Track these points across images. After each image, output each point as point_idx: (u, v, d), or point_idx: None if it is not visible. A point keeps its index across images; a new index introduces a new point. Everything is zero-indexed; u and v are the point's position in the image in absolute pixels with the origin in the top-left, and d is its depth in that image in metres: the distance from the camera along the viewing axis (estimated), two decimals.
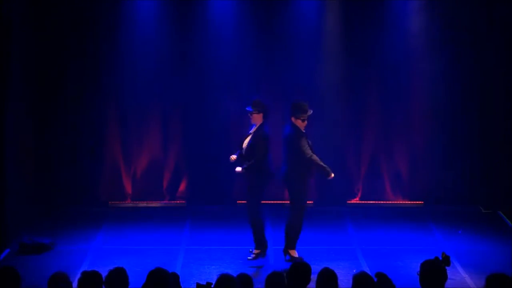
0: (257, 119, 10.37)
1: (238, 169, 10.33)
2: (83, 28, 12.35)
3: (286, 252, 10.50)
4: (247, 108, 10.39)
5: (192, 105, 12.72)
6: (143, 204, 12.92)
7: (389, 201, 12.94)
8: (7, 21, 10.74)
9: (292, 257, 10.38)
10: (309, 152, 10.20)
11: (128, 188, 12.87)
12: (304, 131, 10.29)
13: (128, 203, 12.91)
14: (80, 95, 12.51)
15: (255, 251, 10.50)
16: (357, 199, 12.98)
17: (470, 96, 12.64)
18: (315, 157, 10.23)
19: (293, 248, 10.46)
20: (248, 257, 10.48)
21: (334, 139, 12.65)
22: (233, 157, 10.47)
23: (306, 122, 10.29)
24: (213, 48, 12.61)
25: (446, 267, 6.35)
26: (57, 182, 12.54)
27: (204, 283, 6.57)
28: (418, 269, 6.28)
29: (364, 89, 12.77)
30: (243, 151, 10.38)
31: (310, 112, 10.32)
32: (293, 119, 10.28)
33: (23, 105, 11.84)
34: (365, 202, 12.96)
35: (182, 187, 12.91)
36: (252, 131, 10.42)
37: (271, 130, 10.59)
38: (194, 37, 12.58)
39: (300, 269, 6.67)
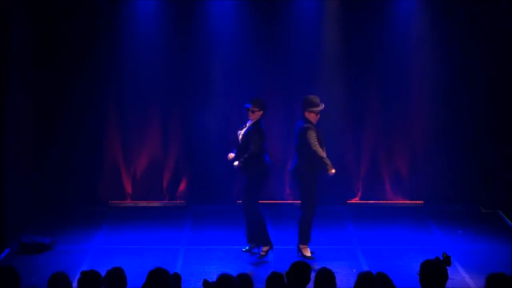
0: (255, 116, 10.44)
1: (236, 163, 10.35)
2: (83, 28, 12.33)
3: (298, 248, 10.56)
4: (245, 105, 10.46)
5: (192, 105, 12.71)
6: (143, 203, 12.92)
7: (389, 201, 12.94)
8: (7, 21, 10.73)
9: (304, 255, 10.42)
10: (315, 144, 10.31)
11: (128, 188, 12.87)
12: (314, 124, 10.45)
13: (128, 203, 12.91)
14: (80, 95, 12.49)
15: (264, 248, 10.54)
16: (357, 198, 12.98)
17: (470, 96, 12.63)
18: (319, 149, 10.33)
19: (305, 244, 10.53)
20: (258, 256, 10.53)
21: (334, 138, 12.63)
22: (231, 155, 10.56)
23: (318, 116, 10.47)
24: (213, 48, 12.60)
25: (446, 267, 6.34)
26: (57, 182, 12.54)
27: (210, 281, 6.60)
28: (418, 269, 6.27)
29: (364, 89, 12.76)
30: (239, 144, 10.48)
31: (322, 106, 10.48)
32: (306, 113, 10.44)
33: (23, 105, 11.84)
34: (365, 201, 12.96)
35: (182, 186, 12.91)
36: (247, 124, 10.50)
37: (270, 130, 10.59)
38: (194, 38, 12.57)
39: (300, 269, 6.67)
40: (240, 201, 10.82)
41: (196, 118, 12.72)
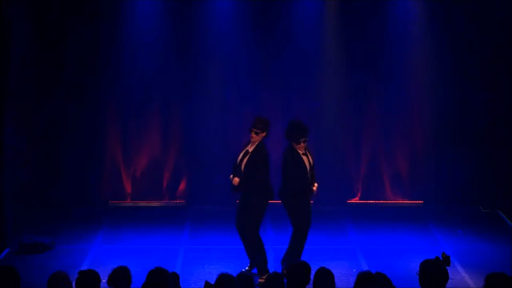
0: (257, 138, 9.59)
1: (236, 180, 9.61)
2: (82, 28, 12.35)
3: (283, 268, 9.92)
4: (250, 128, 9.62)
5: (192, 105, 12.72)
6: (143, 203, 12.93)
7: (389, 200, 12.94)
8: (7, 21, 10.73)
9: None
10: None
11: (128, 188, 12.88)
12: (302, 152, 9.70)
13: (128, 203, 12.92)
14: (79, 95, 12.51)
15: (263, 277, 9.58)
16: (357, 198, 12.98)
17: (470, 96, 12.64)
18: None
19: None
20: (257, 284, 9.56)
21: (334, 139, 12.65)
22: (236, 180, 9.65)
23: (306, 143, 9.70)
24: (213, 49, 12.61)
25: (446, 267, 6.33)
26: (57, 182, 12.54)
27: (206, 282, 6.58)
28: (418, 269, 6.27)
29: (364, 89, 12.76)
30: (242, 171, 9.58)
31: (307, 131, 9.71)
32: (294, 144, 9.65)
33: (23, 105, 11.83)
34: (365, 201, 12.96)
35: (182, 186, 12.92)
36: (250, 149, 9.64)
37: (274, 131, 10.54)
38: (194, 37, 12.58)
39: (299, 269, 6.66)
40: (236, 222, 9.97)
41: (196, 118, 12.73)
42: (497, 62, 12.42)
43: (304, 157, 9.74)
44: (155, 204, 12.93)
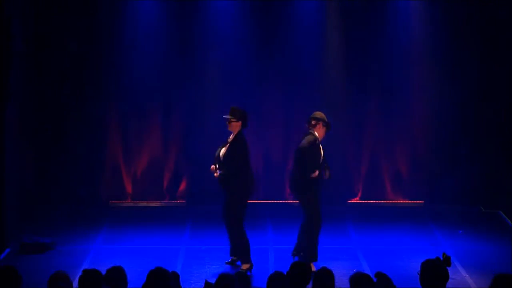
0: (235, 127, 9.77)
1: (213, 167, 9.86)
2: (83, 28, 12.35)
3: (294, 254, 10.16)
4: (224, 116, 9.85)
5: (192, 105, 12.72)
6: (143, 203, 12.93)
7: (389, 200, 12.95)
8: (7, 21, 10.73)
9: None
10: (309, 172, 9.79)
11: (129, 188, 12.88)
12: (319, 141, 9.94)
13: (129, 203, 12.92)
14: (80, 95, 12.52)
15: (244, 266, 9.85)
16: (358, 198, 12.98)
17: (471, 96, 12.65)
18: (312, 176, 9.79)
19: (310, 260, 9.79)
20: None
21: (334, 138, 12.61)
22: (213, 168, 9.93)
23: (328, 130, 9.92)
24: (213, 48, 12.62)
25: (447, 267, 6.33)
26: (57, 182, 12.54)
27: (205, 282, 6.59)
28: (419, 269, 6.27)
29: (365, 88, 12.77)
30: (221, 161, 9.80)
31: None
32: (320, 124, 9.92)
33: (23, 105, 11.83)
34: (366, 201, 12.96)
35: (182, 186, 12.92)
36: (229, 139, 9.86)
37: (269, 130, 10.55)
38: (194, 37, 12.59)
39: (300, 269, 6.67)
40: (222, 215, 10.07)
41: (196, 118, 12.73)
42: (499, 61, 12.41)
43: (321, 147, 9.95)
44: (155, 204, 12.93)
